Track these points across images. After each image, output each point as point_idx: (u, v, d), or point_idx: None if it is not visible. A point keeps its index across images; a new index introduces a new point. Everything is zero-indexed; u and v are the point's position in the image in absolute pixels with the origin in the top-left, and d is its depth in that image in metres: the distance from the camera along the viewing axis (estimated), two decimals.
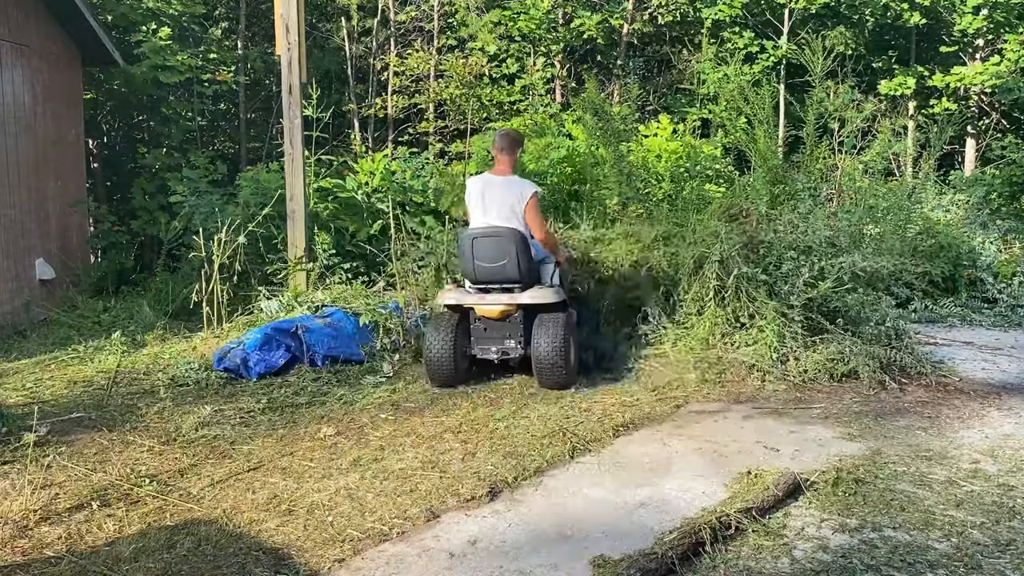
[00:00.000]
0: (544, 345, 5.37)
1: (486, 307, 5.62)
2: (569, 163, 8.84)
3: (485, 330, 5.72)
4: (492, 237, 5.54)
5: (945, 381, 5.82)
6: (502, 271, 5.55)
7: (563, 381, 5.49)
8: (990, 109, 15.81)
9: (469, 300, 5.68)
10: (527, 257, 5.56)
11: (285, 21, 7.53)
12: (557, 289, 5.66)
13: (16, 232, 9.02)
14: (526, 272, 5.55)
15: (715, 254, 6.14)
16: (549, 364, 5.37)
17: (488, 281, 5.65)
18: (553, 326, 5.42)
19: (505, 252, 5.51)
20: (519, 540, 3.35)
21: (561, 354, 5.36)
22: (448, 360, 5.57)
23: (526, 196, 5.63)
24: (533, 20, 15.09)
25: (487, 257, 5.56)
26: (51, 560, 3.24)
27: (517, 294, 5.57)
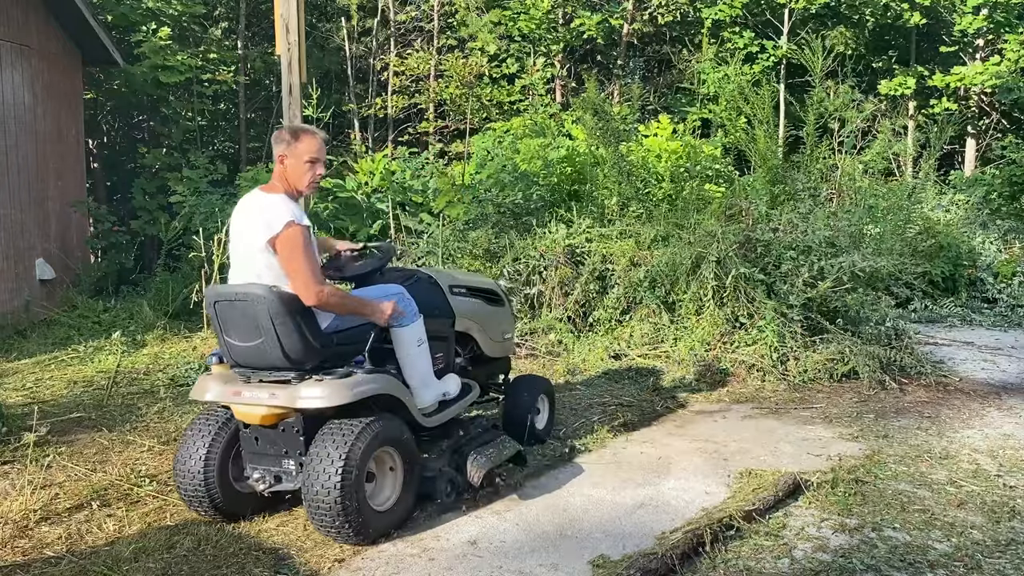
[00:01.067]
0: (314, 477, 3.26)
1: (243, 408, 3.49)
2: (569, 163, 8.84)
3: (256, 441, 3.61)
4: (235, 302, 3.46)
5: (945, 381, 5.83)
6: (261, 354, 3.47)
7: (344, 532, 3.28)
8: (990, 109, 15.81)
9: (224, 394, 3.53)
10: (298, 330, 3.40)
11: (285, 21, 7.53)
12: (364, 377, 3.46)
13: (16, 232, 9.02)
14: (300, 354, 3.42)
15: (712, 254, 6.14)
16: (321, 507, 3.25)
17: (249, 367, 3.57)
18: (334, 444, 3.30)
19: (256, 326, 3.42)
20: (519, 540, 3.34)
21: (343, 491, 3.22)
22: (199, 483, 3.53)
23: (274, 228, 3.38)
24: (533, 20, 15.09)
25: (238, 333, 3.51)
26: (51, 560, 3.24)
27: (289, 387, 3.41)
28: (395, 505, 3.50)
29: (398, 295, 3.72)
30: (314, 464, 3.29)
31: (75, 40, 10.17)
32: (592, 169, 8.58)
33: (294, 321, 3.40)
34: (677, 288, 6.45)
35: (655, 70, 17.89)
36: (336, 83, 16.00)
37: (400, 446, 3.53)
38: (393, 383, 3.59)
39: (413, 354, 3.73)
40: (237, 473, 3.66)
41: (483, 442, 3.95)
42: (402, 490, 3.53)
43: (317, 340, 3.48)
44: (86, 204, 10.61)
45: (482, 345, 4.47)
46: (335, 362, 3.54)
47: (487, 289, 4.58)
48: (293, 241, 3.36)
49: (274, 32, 8.00)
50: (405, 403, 3.63)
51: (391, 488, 3.52)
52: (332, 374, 3.43)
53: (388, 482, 3.52)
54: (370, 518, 3.34)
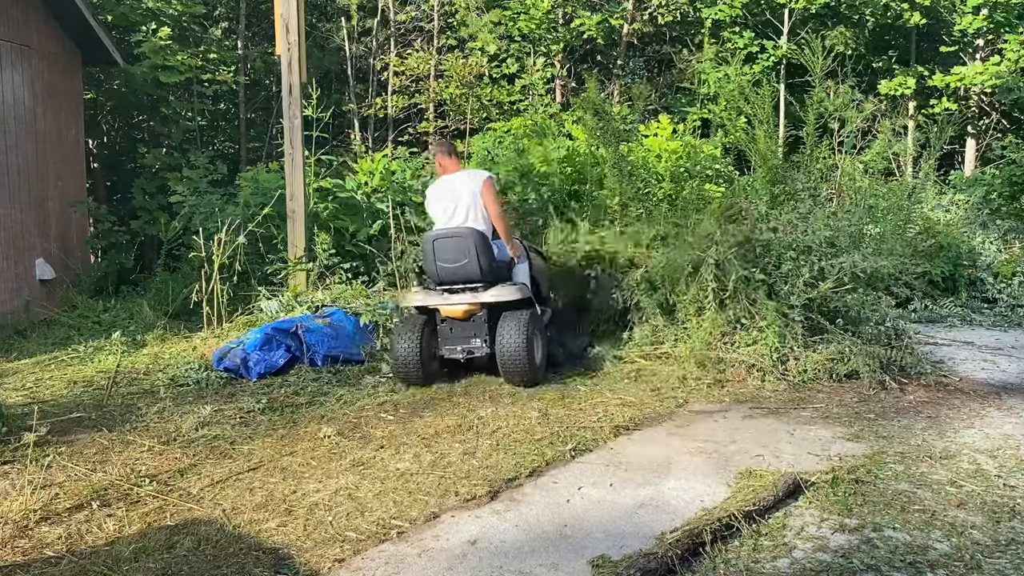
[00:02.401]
0: (506, 342, 5.44)
1: (449, 307, 5.68)
2: (569, 163, 8.84)
3: (451, 330, 5.76)
4: (451, 238, 5.65)
5: (945, 381, 5.82)
6: (463, 271, 5.63)
7: (527, 377, 5.54)
8: (990, 109, 15.81)
9: (433, 301, 5.73)
10: (488, 256, 5.64)
11: (285, 21, 7.53)
12: (521, 287, 5.72)
13: (16, 232, 9.02)
14: (488, 271, 5.63)
15: (710, 256, 6.13)
16: (512, 360, 5.44)
17: (451, 282, 5.71)
18: (516, 323, 5.49)
19: (465, 252, 5.60)
20: (519, 540, 3.34)
21: (523, 350, 5.42)
22: (415, 360, 5.62)
23: (479, 183, 5.82)
24: (533, 20, 15.10)
25: (448, 258, 5.65)
26: (51, 560, 3.24)
27: (480, 293, 5.62)
28: (540, 361, 5.74)
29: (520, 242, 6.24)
30: (506, 336, 5.48)
31: (75, 40, 10.17)
32: (592, 169, 8.58)
33: (486, 249, 5.67)
34: (677, 290, 6.44)
35: (655, 70, 17.89)
36: (336, 83, 16.00)
37: (540, 327, 5.82)
38: (530, 292, 5.86)
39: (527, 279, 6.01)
40: (430, 354, 5.79)
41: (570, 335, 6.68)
42: (543, 354, 5.80)
43: (494, 263, 5.75)
44: (86, 204, 10.61)
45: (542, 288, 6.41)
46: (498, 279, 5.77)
47: (539, 250, 6.79)
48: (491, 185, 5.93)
49: (274, 32, 8.01)
50: (535, 303, 5.89)
51: (539, 352, 5.73)
52: (503, 284, 5.71)
53: (537, 349, 5.69)
54: (535, 368, 5.60)
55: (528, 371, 5.50)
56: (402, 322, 5.95)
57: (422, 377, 5.67)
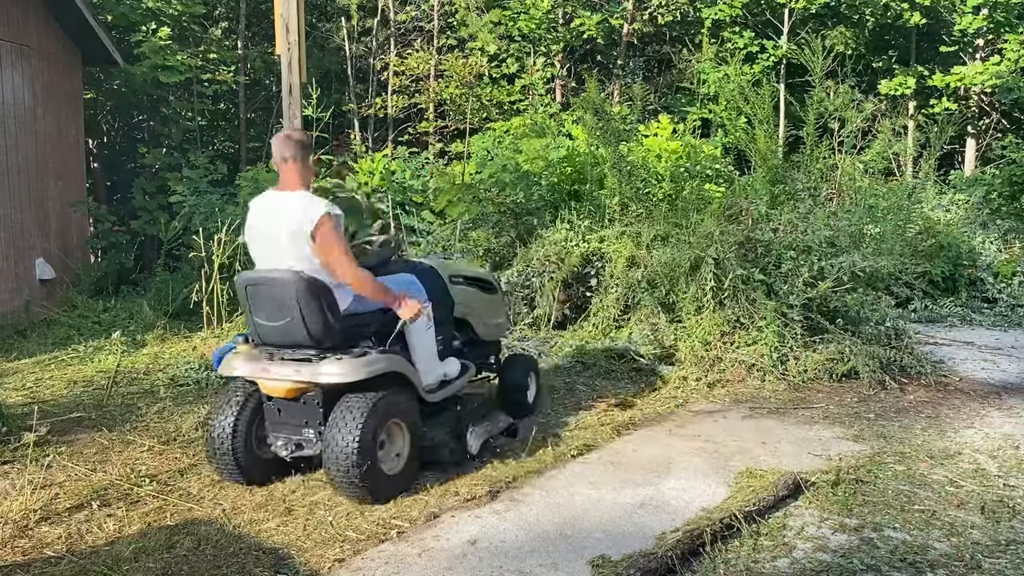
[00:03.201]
0: (333, 443, 3.70)
1: (269, 382, 3.94)
2: (569, 163, 8.84)
3: (279, 412, 4.05)
4: (265, 286, 3.90)
5: (945, 381, 5.83)
6: (287, 332, 3.89)
7: (367, 494, 3.75)
8: (990, 109, 15.81)
9: (251, 370, 3.98)
10: (321, 312, 3.81)
11: (285, 21, 7.53)
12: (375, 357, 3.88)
13: (16, 232, 9.02)
14: (321, 333, 3.84)
15: (710, 255, 6.13)
16: (337, 468, 3.70)
17: (275, 344, 3.99)
18: (351, 415, 3.73)
19: (285, 307, 3.83)
20: (519, 540, 3.34)
21: (355, 455, 3.65)
22: (227, 449, 3.95)
23: (309, 222, 3.75)
24: (533, 20, 15.10)
25: (266, 313, 3.93)
26: (51, 560, 3.24)
27: (308, 365, 3.85)
28: (403, 469, 3.95)
29: (411, 283, 4.21)
30: (334, 432, 3.72)
31: (75, 40, 10.17)
32: (592, 169, 8.58)
33: (318, 303, 3.80)
34: (677, 288, 6.45)
35: (655, 70, 17.89)
36: (336, 83, 16.00)
37: (407, 418, 3.99)
38: (401, 362, 4.03)
39: (423, 336, 4.19)
40: (260, 441, 4.07)
41: (479, 416, 4.42)
42: (408, 456, 3.99)
43: (337, 321, 3.87)
44: (86, 204, 10.60)
45: (477, 329, 4.89)
46: (348, 342, 3.94)
47: (482, 278, 5.03)
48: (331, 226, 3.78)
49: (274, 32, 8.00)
50: (412, 380, 4.07)
51: (399, 454, 3.96)
52: (349, 353, 3.85)
53: (396, 449, 3.96)
54: (382, 480, 3.80)
55: (364, 488, 3.72)
56: (222, 394, 4.25)
57: (242, 470, 3.98)
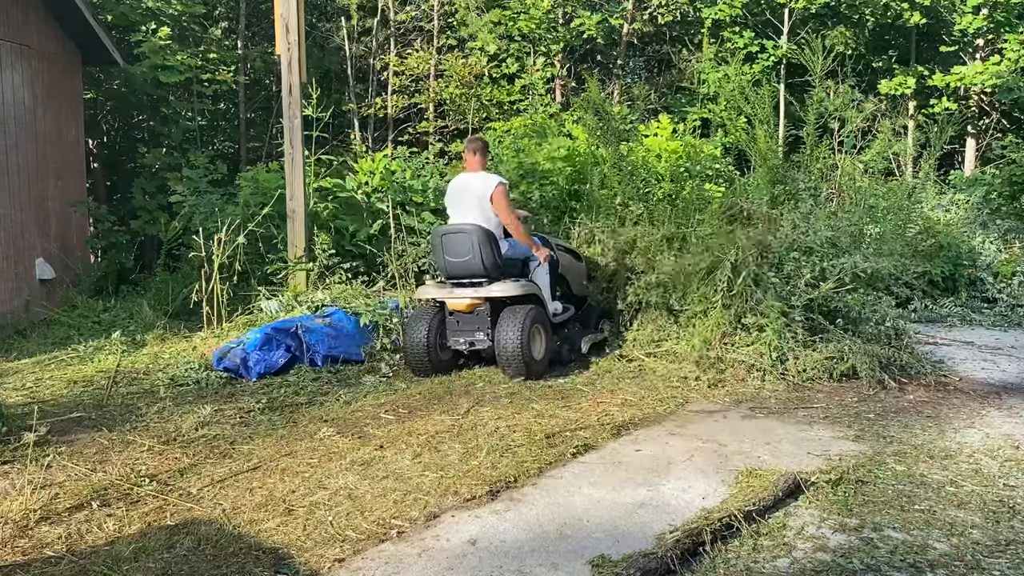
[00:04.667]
0: (503, 337, 5.68)
1: (454, 300, 5.95)
2: (569, 163, 8.84)
3: (458, 323, 6.04)
4: (457, 234, 5.92)
5: (945, 381, 5.82)
6: (468, 266, 5.88)
7: (523, 372, 5.73)
8: (990, 109, 15.81)
9: (440, 294, 6.01)
10: (491, 252, 5.86)
11: (285, 21, 7.53)
12: (526, 284, 5.99)
13: (16, 232, 9.02)
14: (492, 267, 5.85)
15: (728, 259, 6.09)
16: (508, 355, 5.67)
17: (458, 276, 5.97)
18: (514, 319, 5.71)
19: (469, 248, 5.84)
20: (519, 540, 3.34)
21: (519, 345, 5.63)
22: (422, 350, 5.95)
23: (490, 188, 5.98)
24: (533, 20, 15.09)
25: (454, 253, 5.93)
26: (51, 560, 3.24)
27: (481, 288, 5.86)
28: (542, 358, 5.94)
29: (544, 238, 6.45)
30: (503, 329, 5.72)
31: (75, 40, 10.17)
32: (592, 169, 8.58)
33: (490, 246, 5.87)
34: (689, 290, 6.41)
35: (655, 70, 17.89)
36: (336, 83, 15.99)
37: (544, 325, 6.05)
38: (539, 288, 6.13)
39: (544, 277, 6.29)
40: (441, 344, 6.11)
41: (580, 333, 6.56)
42: (545, 350, 6.00)
43: (500, 259, 5.96)
44: (86, 204, 10.60)
45: (572, 287, 6.79)
46: (505, 275, 6.00)
47: (574, 250, 6.94)
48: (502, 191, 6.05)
49: (274, 32, 8.00)
50: (544, 301, 6.15)
51: (540, 347, 5.95)
52: (510, 280, 5.94)
53: (538, 344, 5.93)
54: (532, 363, 5.77)
55: (524, 366, 5.70)
56: (414, 313, 6.33)
57: (431, 366, 5.99)
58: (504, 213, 6.00)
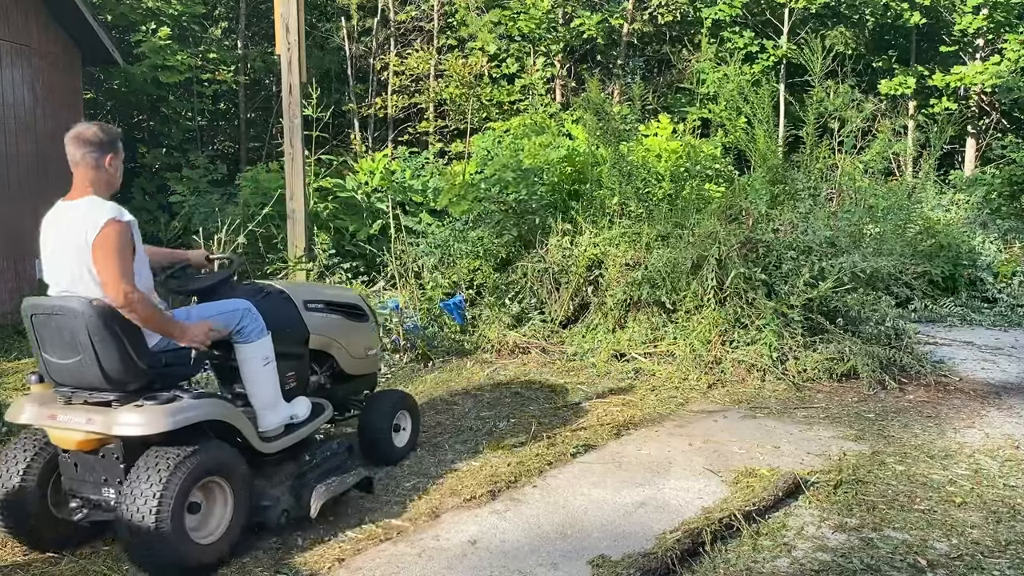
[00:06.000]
0: (126, 506, 3.04)
1: (59, 432, 3.23)
2: (569, 163, 8.84)
3: (75, 467, 3.31)
4: (52, 315, 3.19)
5: (945, 381, 5.82)
6: (78, 372, 3.20)
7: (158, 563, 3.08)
8: (990, 109, 15.81)
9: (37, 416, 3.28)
10: (119, 346, 3.13)
11: (285, 21, 7.52)
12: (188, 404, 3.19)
13: (16, 232, 9.02)
14: (122, 373, 3.15)
15: (713, 255, 6.13)
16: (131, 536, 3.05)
17: (73, 386, 3.28)
18: (150, 474, 3.06)
19: (75, 342, 3.14)
20: (519, 540, 3.34)
21: (158, 523, 3.00)
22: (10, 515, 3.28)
23: (95, 227, 3.11)
24: (533, 20, 15.09)
25: (56, 349, 3.22)
26: (51, 560, 3.24)
27: (106, 413, 3.15)
28: (224, 536, 3.23)
29: (244, 310, 3.51)
30: (128, 496, 3.04)
31: (75, 40, 10.17)
32: (592, 169, 8.58)
33: (115, 337, 3.10)
34: (677, 287, 6.44)
35: (655, 70, 17.88)
36: (336, 83, 15.98)
37: (229, 475, 3.26)
38: (223, 408, 3.34)
39: (258, 373, 3.54)
40: (57, 500, 3.34)
41: (327, 469, 3.67)
42: (231, 520, 3.26)
43: (143, 359, 3.19)
44: None
45: (341, 363, 4.22)
46: (166, 382, 3.29)
47: (349, 304, 4.32)
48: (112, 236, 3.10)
49: (274, 32, 8.00)
50: (239, 429, 3.37)
51: (219, 518, 3.25)
52: (155, 399, 3.16)
53: (217, 512, 3.26)
54: (190, 552, 3.09)
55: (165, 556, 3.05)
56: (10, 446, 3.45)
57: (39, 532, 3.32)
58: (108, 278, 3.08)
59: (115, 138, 3.39)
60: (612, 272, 6.93)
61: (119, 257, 3.09)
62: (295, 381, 3.84)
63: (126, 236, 3.16)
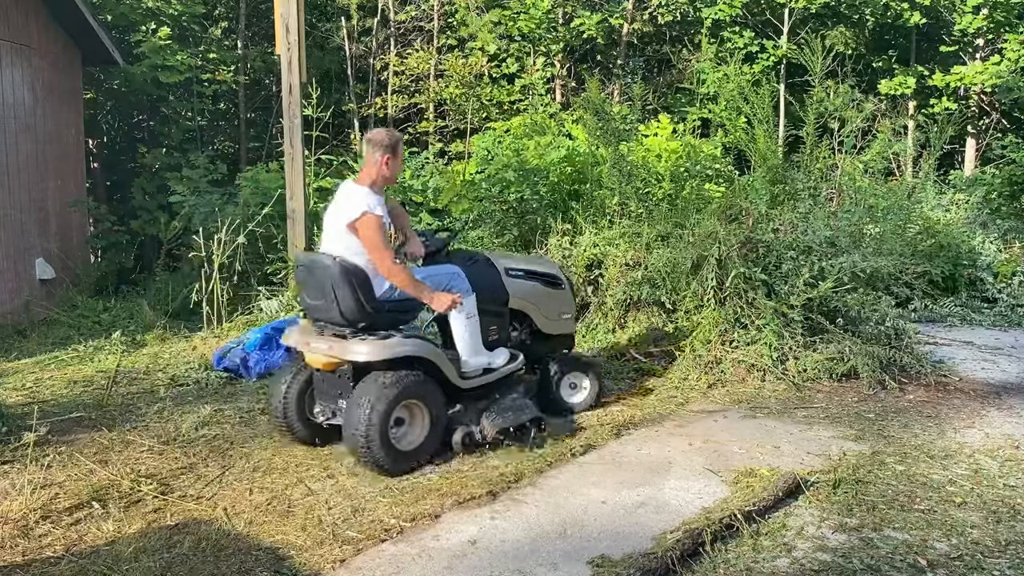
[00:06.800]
0: (349, 414, 4.05)
1: (309, 354, 4.35)
2: (569, 163, 8.84)
3: (323, 383, 4.42)
4: (311, 268, 4.30)
5: (945, 381, 5.82)
6: (325, 310, 4.25)
7: (372, 464, 4.03)
8: (990, 109, 15.81)
9: (299, 341, 4.41)
10: (354, 294, 4.12)
11: (285, 21, 7.52)
12: (400, 341, 4.16)
13: (16, 232, 9.02)
14: (354, 314, 4.14)
15: (712, 255, 6.13)
16: (352, 438, 4.03)
17: (321, 321, 4.37)
18: (369, 392, 4.01)
19: (323, 288, 4.20)
20: (519, 540, 3.34)
21: (367, 430, 3.94)
22: (279, 411, 4.47)
23: (354, 214, 4.18)
24: (533, 20, 15.09)
25: (311, 292, 4.33)
26: (51, 560, 3.24)
27: (340, 342, 4.20)
28: (420, 447, 4.17)
29: (453, 274, 4.48)
30: (351, 405, 4.04)
31: (75, 40, 10.17)
32: (592, 169, 8.58)
33: (351, 287, 4.12)
34: (677, 287, 6.45)
35: (655, 70, 17.88)
36: (336, 83, 15.98)
37: (427, 400, 4.19)
38: (428, 348, 4.25)
39: (462, 325, 4.47)
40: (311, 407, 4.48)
41: (507, 407, 4.46)
42: (427, 436, 4.20)
43: (370, 305, 4.18)
44: (86, 204, 10.60)
45: (538, 322, 5.02)
46: (391, 324, 4.29)
47: (546, 273, 5.10)
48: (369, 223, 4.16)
49: (274, 32, 8.00)
50: (439, 366, 4.26)
51: (418, 433, 4.19)
52: (377, 335, 4.16)
53: (416, 428, 4.21)
54: (393, 454, 4.03)
55: (373, 457, 4.00)
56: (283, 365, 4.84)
57: (296, 431, 4.49)
58: (368, 241, 4.18)
59: (394, 143, 4.38)
60: (612, 272, 6.95)
61: (381, 238, 4.17)
62: (496, 335, 4.74)
63: (379, 224, 4.19)
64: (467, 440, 4.26)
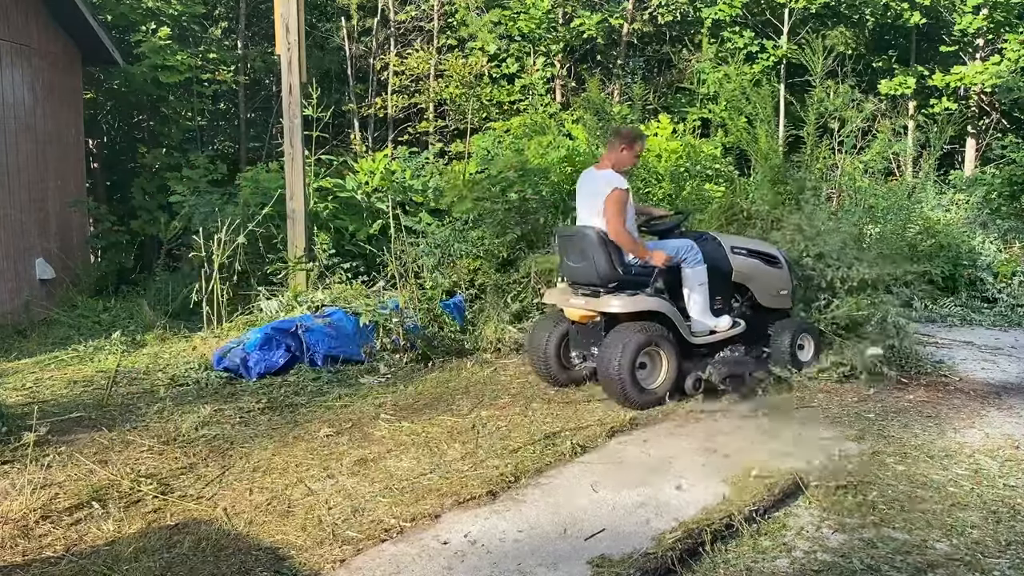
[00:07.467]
0: (605, 358, 5.06)
1: (568, 309, 5.49)
2: (569, 163, 8.84)
3: (577, 334, 5.58)
4: (573, 237, 5.43)
5: (945, 381, 5.82)
6: (583, 272, 5.36)
7: (623, 400, 5.07)
8: (990, 109, 15.81)
9: (558, 299, 5.61)
10: (608, 258, 5.19)
11: (285, 21, 7.53)
12: (643, 297, 5.19)
13: (16, 232, 9.02)
14: (607, 275, 5.21)
15: None
16: (606, 379, 5.09)
17: (577, 282, 5.50)
18: (620, 339, 5.04)
19: (583, 253, 5.30)
20: (519, 540, 3.34)
21: (619, 370, 4.95)
22: (541, 359, 5.64)
23: (605, 190, 5.23)
24: (533, 20, 15.09)
25: (572, 257, 5.46)
26: (51, 560, 3.24)
27: (594, 299, 5.29)
28: (660, 386, 5.17)
29: (688, 246, 5.40)
30: (605, 350, 5.08)
31: (75, 40, 10.17)
32: None
33: (605, 252, 5.19)
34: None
35: (655, 70, 17.88)
36: (336, 83, 15.98)
37: (665, 348, 5.17)
38: (665, 305, 5.23)
39: (694, 290, 5.42)
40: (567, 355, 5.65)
41: (729, 361, 5.44)
42: (665, 378, 5.19)
43: (620, 267, 5.23)
44: (86, 204, 10.60)
45: (757, 296, 5.77)
46: (636, 286, 5.24)
47: (767, 253, 5.83)
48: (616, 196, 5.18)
49: (274, 32, 8.00)
50: (674, 322, 5.25)
51: (659, 376, 5.20)
52: (624, 293, 5.19)
53: (657, 371, 5.21)
54: (638, 392, 5.05)
55: (624, 395, 5.04)
56: (540, 318, 6.17)
57: (552, 375, 5.66)
58: (610, 220, 5.19)
59: (635, 137, 5.51)
60: None
61: (618, 210, 5.19)
62: (721, 304, 5.60)
63: (624, 197, 5.22)
64: (697, 384, 5.23)
